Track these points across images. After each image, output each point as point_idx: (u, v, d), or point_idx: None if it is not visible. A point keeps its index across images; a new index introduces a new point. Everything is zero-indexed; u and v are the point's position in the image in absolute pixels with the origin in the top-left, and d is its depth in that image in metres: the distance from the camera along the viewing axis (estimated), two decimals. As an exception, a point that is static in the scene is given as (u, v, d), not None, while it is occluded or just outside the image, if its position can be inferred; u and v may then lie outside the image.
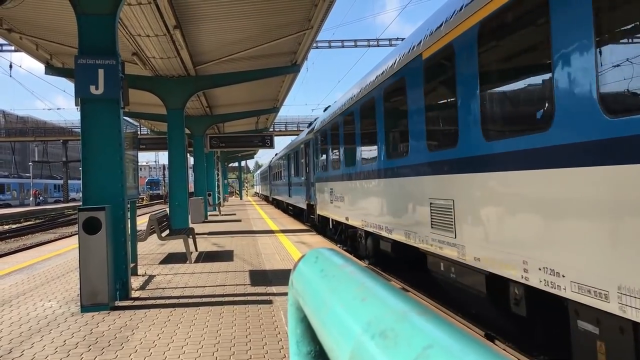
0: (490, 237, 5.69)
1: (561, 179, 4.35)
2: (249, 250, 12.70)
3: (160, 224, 10.86)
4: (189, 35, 13.92)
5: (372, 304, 0.80)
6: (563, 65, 4.34)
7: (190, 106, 22.11)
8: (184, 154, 17.97)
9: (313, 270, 1.15)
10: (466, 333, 0.63)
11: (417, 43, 7.88)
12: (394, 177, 9.08)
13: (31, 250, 15.57)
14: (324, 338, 0.94)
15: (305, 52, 16.63)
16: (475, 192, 5.99)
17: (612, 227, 3.80)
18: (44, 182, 74.16)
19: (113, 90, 7.59)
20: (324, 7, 12.31)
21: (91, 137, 7.65)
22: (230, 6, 12.42)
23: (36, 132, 70.68)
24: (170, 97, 17.30)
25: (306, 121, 65.08)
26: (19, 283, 9.29)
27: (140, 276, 9.48)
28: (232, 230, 18.67)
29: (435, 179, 7.22)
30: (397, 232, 9.03)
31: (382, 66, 9.92)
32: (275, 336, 5.67)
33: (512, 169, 5.13)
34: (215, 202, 32.95)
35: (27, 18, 12.72)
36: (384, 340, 0.68)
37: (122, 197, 7.72)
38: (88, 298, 7.01)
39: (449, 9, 6.78)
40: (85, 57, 7.54)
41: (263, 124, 35.12)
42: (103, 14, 7.75)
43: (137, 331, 6.02)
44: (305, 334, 1.21)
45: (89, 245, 7.05)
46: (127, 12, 11.40)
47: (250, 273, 9.56)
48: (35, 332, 6.04)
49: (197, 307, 7.11)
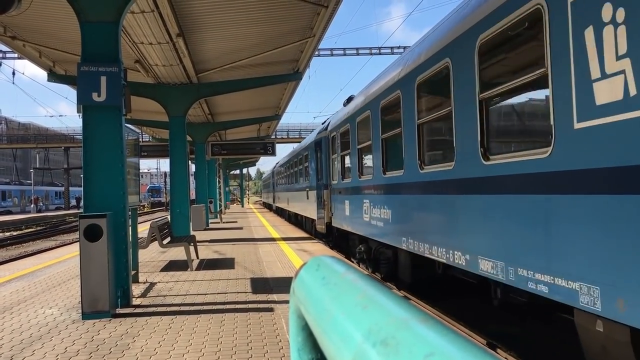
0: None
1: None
2: (250, 258, 12.68)
3: (161, 231, 10.86)
4: (192, 43, 13.98)
5: (374, 311, 0.80)
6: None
7: (192, 113, 22.15)
8: (186, 161, 17.99)
9: (314, 278, 1.15)
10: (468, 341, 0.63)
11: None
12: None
13: (32, 258, 15.58)
14: (326, 346, 0.94)
15: (307, 60, 16.68)
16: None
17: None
18: (45, 189, 74.22)
19: (115, 97, 7.61)
20: (326, 15, 12.36)
21: (93, 144, 7.66)
22: (233, 14, 12.48)
23: (38, 139, 70.80)
24: (172, 105, 17.34)
25: (308, 129, 65.14)
26: (20, 290, 9.28)
27: (141, 283, 9.47)
28: (234, 237, 18.66)
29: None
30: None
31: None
32: (276, 344, 5.65)
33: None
34: (217, 209, 32.94)
35: (31, 25, 12.78)
36: (385, 348, 0.68)
37: (123, 204, 7.73)
38: (89, 305, 7.00)
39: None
40: (88, 65, 7.56)
41: (265, 131, 35.17)
42: (106, 22, 7.78)
43: (138, 339, 6.01)
44: (307, 342, 1.21)
45: (90, 253, 7.05)
46: (130, 20, 11.45)
47: (251, 281, 9.55)
48: (36, 340, 6.03)
49: (198, 314, 7.09)
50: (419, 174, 8.00)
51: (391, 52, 46.35)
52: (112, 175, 7.69)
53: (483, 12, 5.80)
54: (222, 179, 43.73)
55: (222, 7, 12.02)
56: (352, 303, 0.88)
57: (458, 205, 6.64)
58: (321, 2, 11.79)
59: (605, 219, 3.90)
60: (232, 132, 32.75)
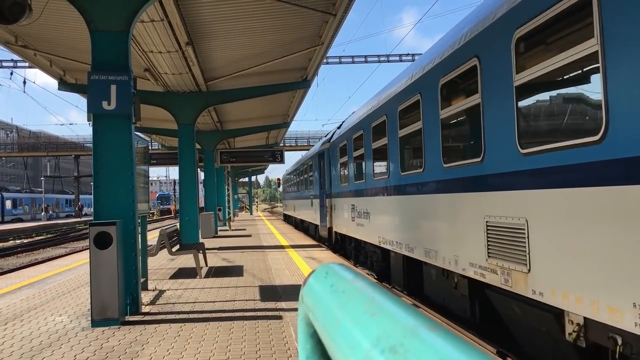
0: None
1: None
2: (258, 266, 12.68)
3: (170, 238, 10.89)
4: (201, 51, 14.06)
5: (382, 319, 0.80)
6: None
7: (201, 121, 22.24)
8: (195, 169, 18.05)
9: (323, 285, 1.15)
10: (477, 349, 0.63)
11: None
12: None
13: (42, 265, 15.66)
14: (334, 353, 0.94)
15: (315, 68, 16.72)
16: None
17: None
18: (55, 197, 74.65)
19: (125, 105, 7.66)
20: (335, 23, 12.39)
21: (103, 152, 7.71)
22: (241, 23, 12.54)
23: (48, 147, 71.28)
24: (181, 113, 17.43)
25: (317, 136, 65.17)
26: (30, 298, 9.33)
27: (150, 291, 9.49)
28: (242, 245, 18.67)
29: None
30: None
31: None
32: (285, 352, 5.64)
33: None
34: (226, 217, 32.99)
35: (42, 35, 12.91)
36: (393, 355, 0.68)
37: (133, 211, 7.76)
38: (98, 313, 7.02)
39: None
40: (98, 73, 7.62)
41: (273, 139, 35.24)
42: (116, 31, 7.85)
43: (147, 346, 6.01)
44: (316, 350, 1.21)
45: (100, 260, 7.08)
46: (140, 29, 11.54)
47: (260, 288, 9.54)
48: (46, 347, 6.05)
49: (207, 322, 7.09)
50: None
51: (400, 60, 46.43)
52: (122, 183, 7.73)
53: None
54: (230, 186, 43.81)
55: (230, 16, 12.08)
56: (361, 310, 0.88)
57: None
58: (329, 10, 11.83)
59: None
60: (241, 140, 32.83)
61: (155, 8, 10.46)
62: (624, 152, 3.97)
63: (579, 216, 4.48)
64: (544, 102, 5.52)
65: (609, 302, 4.06)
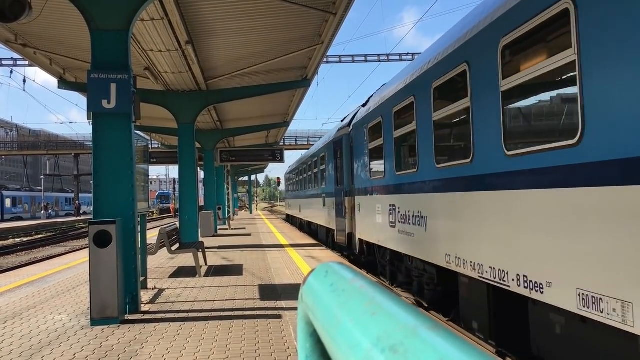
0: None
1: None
2: (258, 265, 12.68)
3: (170, 237, 10.89)
4: (201, 50, 14.06)
5: (382, 318, 0.80)
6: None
7: (201, 120, 22.24)
8: (195, 168, 18.05)
9: (323, 284, 1.14)
10: (477, 349, 0.63)
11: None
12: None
13: (42, 263, 15.67)
14: (334, 353, 0.93)
15: (315, 67, 16.71)
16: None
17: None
18: (55, 196, 74.63)
19: (125, 104, 7.65)
20: (335, 22, 12.39)
21: (103, 151, 7.71)
22: (242, 22, 12.54)
23: (48, 146, 71.28)
24: (181, 112, 17.43)
25: (317, 135, 65.18)
26: (30, 296, 9.33)
27: (150, 290, 9.49)
28: (242, 244, 18.67)
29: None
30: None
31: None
32: (284, 351, 5.64)
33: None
34: (225, 216, 32.99)
35: (42, 33, 12.90)
36: (393, 355, 0.68)
37: (132, 210, 7.75)
38: (98, 311, 7.02)
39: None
40: (98, 72, 7.61)
41: (273, 138, 35.23)
42: (116, 30, 7.84)
43: (147, 345, 6.01)
44: (315, 349, 1.21)
45: (100, 259, 7.07)
46: (140, 27, 11.54)
47: (259, 287, 9.54)
48: (45, 346, 6.05)
49: (206, 321, 7.10)
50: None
51: (400, 59, 46.36)
52: (122, 181, 7.73)
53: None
54: (230, 185, 43.80)
55: (231, 15, 12.08)
56: (361, 310, 0.88)
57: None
58: (330, 10, 11.82)
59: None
60: (241, 139, 32.84)
61: (155, 7, 10.46)
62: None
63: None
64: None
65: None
